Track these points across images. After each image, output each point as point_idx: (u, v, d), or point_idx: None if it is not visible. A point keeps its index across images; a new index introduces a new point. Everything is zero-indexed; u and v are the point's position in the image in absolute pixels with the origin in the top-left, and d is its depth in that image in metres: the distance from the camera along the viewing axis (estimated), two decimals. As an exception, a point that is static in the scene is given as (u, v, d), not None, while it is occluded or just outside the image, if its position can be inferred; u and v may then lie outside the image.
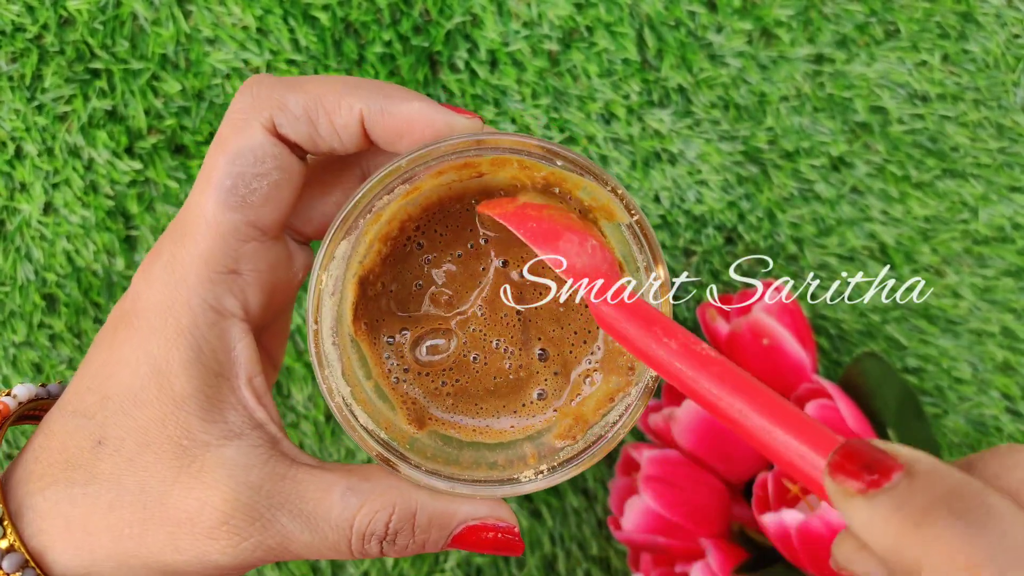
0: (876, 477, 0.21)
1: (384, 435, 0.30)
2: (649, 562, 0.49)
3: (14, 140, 0.53)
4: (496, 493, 0.30)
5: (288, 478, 0.29)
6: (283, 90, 0.29)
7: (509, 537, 0.30)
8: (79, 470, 0.28)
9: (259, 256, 0.30)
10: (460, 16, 0.55)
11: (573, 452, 0.30)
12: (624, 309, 0.27)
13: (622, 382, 0.31)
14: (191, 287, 0.29)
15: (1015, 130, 0.57)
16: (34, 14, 0.53)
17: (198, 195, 0.29)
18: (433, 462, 0.30)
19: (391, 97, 0.29)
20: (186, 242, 0.29)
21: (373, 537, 0.29)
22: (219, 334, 0.29)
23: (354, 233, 0.29)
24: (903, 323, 0.57)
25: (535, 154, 0.29)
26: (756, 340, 0.48)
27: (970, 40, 0.57)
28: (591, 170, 0.29)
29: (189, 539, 0.28)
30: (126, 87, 0.54)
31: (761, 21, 0.56)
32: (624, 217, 0.30)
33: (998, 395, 0.57)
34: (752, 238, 0.57)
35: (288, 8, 0.54)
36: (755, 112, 0.56)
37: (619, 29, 0.56)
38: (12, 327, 0.53)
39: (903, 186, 0.57)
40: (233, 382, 0.29)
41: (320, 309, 0.29)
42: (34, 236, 0.54)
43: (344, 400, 0.30)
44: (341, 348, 0.30)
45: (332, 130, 0.30)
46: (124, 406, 0.29)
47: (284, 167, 0.30)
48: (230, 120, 0.30)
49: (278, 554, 0.29)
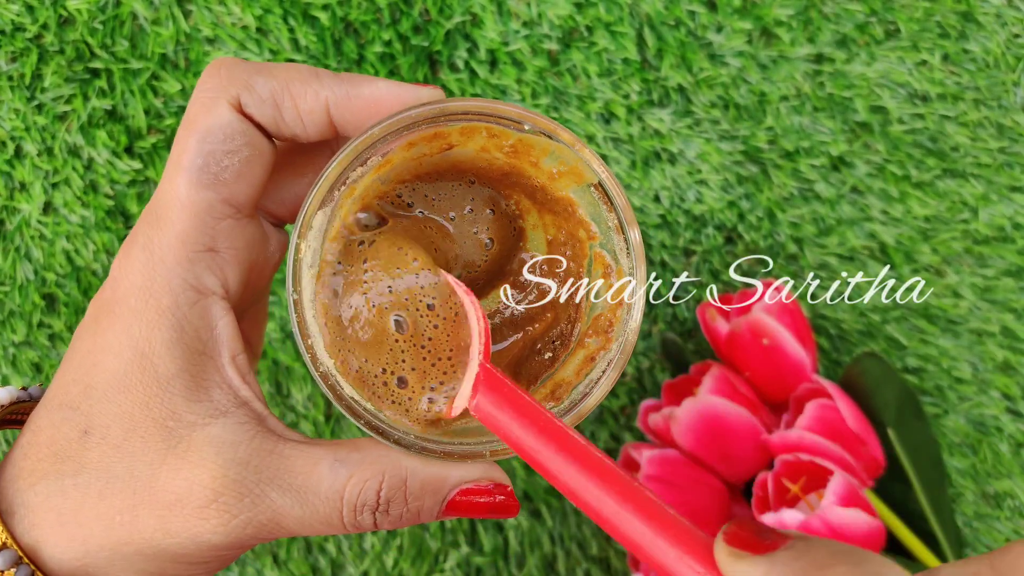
0: (771, 541, 0.22)
1: (369, 405, 0.30)
2: (649, 562, 0.49)
3: (14, 140, 0.53)
4: (488, 451, 0.30)
5: (276, 453, 0.29)
6: (250, 72, 0.30)
7: (503, 498, 0.30)
8: (68, 461, 0.28)
9: (235, 234, 0.30)
10: (460, 16, 0.55)
11: (559, 412, 0.31)
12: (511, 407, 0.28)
13: (601, 341, 0.31)
14: (169, 267, 0.29)
15: (1015, 130, 0.57)
16: (34, 14, 0.53)
17: (170, 177, 0.29)
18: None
19: (355, 82, 0.30)
20: (161, 224, 0.29)
21: (365, 508, 0.29)
22: (200, 313, 0.29)
23: (330, 205, 0.29)
24: (903, 323, 0.57)
25: (503, 118, 0.29)
26: (756, 340, 0.48)
27: (970, 40, 0.57)
28: (557, 133, 0.29)
29: (180, 520, 0.28)
30: (126, 87, 0.54)
31: (761, 21, 0.56)
32: (592, 177, 0.30)
33: (998, 395, 0.57)
34: (752, 238, 0.57)
35: (288, 8, 0.54)
36: (755, 112, 0.56)
37: (619, 29, 0.56)
38: (12, 327, 0.53)
39: (903, 186, 0.57)
40: (217, 360, 0.29)
41: (300, 279, 0.29)
42: (34, 236, 0.54)
43: (328, 370, 0.30)
44: (320, 318, 0.30)
45: (297, 116, 0.30)
46: (108, 393, 0.29)
47: (254, 144, 0.30)
48: (197, 99, 0.30)
49: (270, 530, 0.29)
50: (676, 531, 0.24)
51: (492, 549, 0.55)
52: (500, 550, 0.55)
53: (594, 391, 0.30)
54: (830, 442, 0.45)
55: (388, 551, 0.55)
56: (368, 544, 0.55)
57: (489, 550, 0.55)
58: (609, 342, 0.31)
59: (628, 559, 0.52)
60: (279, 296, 0.55)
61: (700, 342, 0.56)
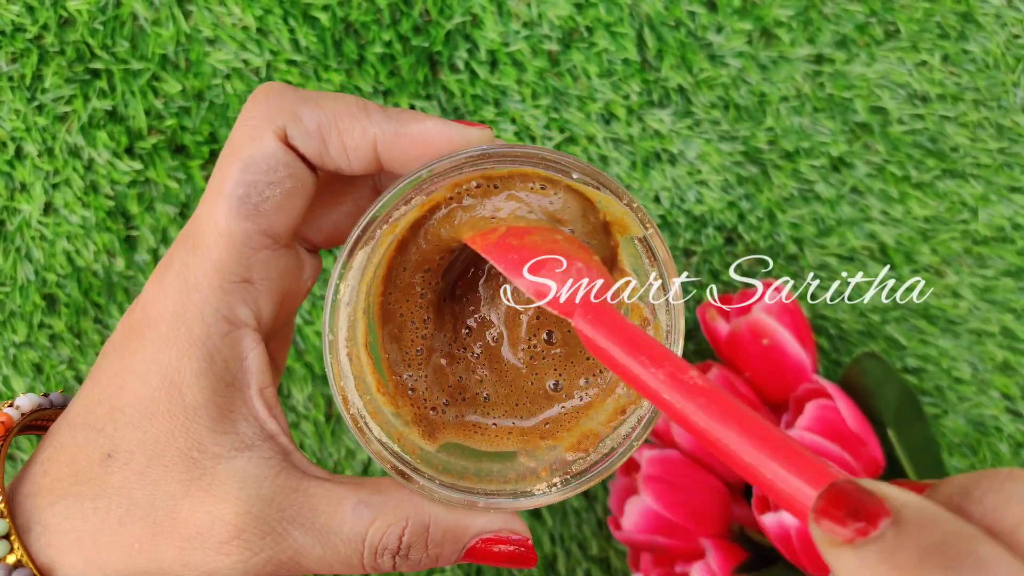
0: (862, 525, 0.20)
1: (397, 447, 0.30)
2: (649, 562, 0.49)
3: (14, 140, 0.53)
4: (510, 505, 0.30)
5: (300, 491, 0.28)
6: (298, 102, 0.29)
7: (523, 550, 0.30)
8: (88, 484, 0.28)
9: (271, 265, 0.30)
10: (460, 16, 0.55)
11: (586, 465, 0.30)
12: (611, 332, 0.27)
13: (633, 394, 0.31)
14: (204, 297, 0.29)
15: (1015, 130, 0.57)
16: (34, 14, 0.53)
17: (210, 204, 0.29)
18: (445, 475, 0.30)
19: (403, 120, 0.29)
20: (198, 252, 0.29)
21: (386, 551, 0.29)
22: (231, 344, 0.29)
23: (371, 243, 0.29)
24: (903, 323, 0.57)
25: (550, 165, 0.29)
26: (756, 340, 0.48)
27: (970, 40, 0.57)
28: (607, 184, 0.29)
29: (200, 554, 0.27)
30: (126, 87, 0.54)
31: (761, 21, 0.56)
32: (638, 231, 0.30)
33: (998, 395, 0.57)
34: (752, 238, 0.57)
35: (288, 8, 0.54)
36: (755, 112, 0.56)
37: (619, 29, 0.56)
38: (12, 327, 0.53)
39: (903, 186, 0.57)
40: (245, 392, 0.29)
41: (337, 320, 0.29)
42: (34, 236, 0.54)
43: (359, 412, 0.30)
44: (354, 359, 0.30)
45: (342, 151, 0.29)
46: (134, 419, 0.28)
47: (297, 176, 0.29)
48: (242, 127, 0.29)
49: (289, 569, 0.28)
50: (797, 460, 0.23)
51: (492, 549, 0.55)
52: (500, 550, 0.55)
53: (620, 450, 0.30)
54: (830, 442, 0.45)
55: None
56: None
57: (489, 550, 0.55)
58: (641, 396, 0.31)
59: (628, 559, 0.52)
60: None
61: (700, 342, 0.56)
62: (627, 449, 0.30)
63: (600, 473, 0.30)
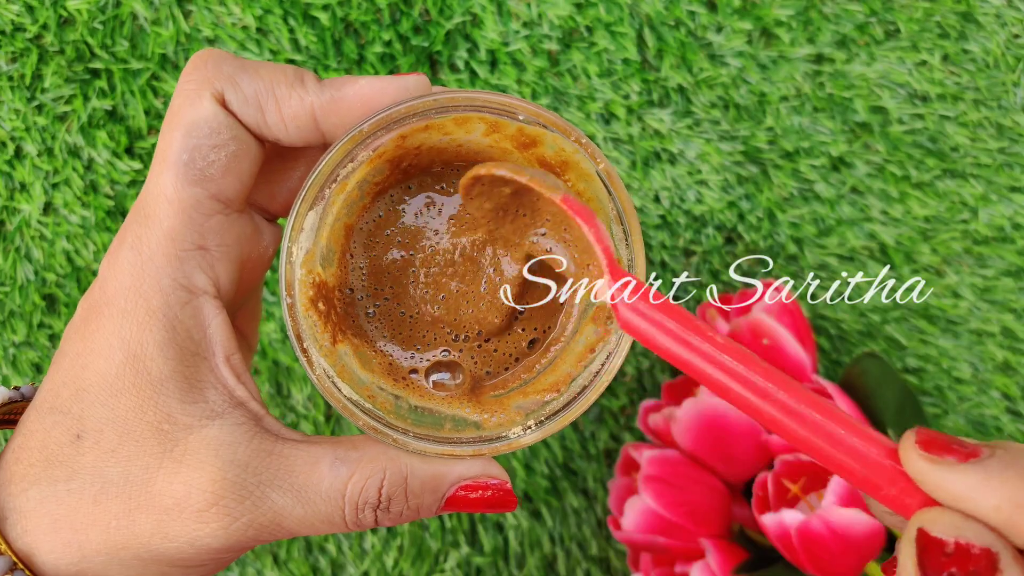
0: (968, 450, 0.21)
1: (368, 404, 0.30)
2: (649, 562, 0.49)
3: (14, 140, 0.53)
4: (487, 449, 0.30)
5: (275, 453, 0.28)
6: (236, 68, 0.29)
7: (502, 493, 0.30)
8: (60, 466, 0.28)
9: (225, 230, 0.30)
10: (460, 16, 0.55)
11: (559, 405, 0.30)
12: (657, 310, 0.26)
13: (601, 332, 0.31)
14: (159, 267, 0.28)
15: (1015, 130, 0.57)
16: (34, 14, 0.53)
17: (156, 174, 0.29)
18: (420, 427, 0.30)
19: (337, 85, 0.29)
20: (149, 222, 0.29)
21: (367, 505, 0.29)
22: (192, 313, 0.29)
23: (321, 203, 0.29)
24: (903, 323, 0.57)
25: (495, 109, 0.29)
26: (756, 340, 0.48)
27: (970, 40, 0.57)
28: (554, 123, 0.29)
29: (178, 524, 0.27)
30: (126, 87, 0.54)
31: (761, 21, 0.56)
32: (591, 167, 0.30)
33: (998, 395, 0.57)
34: (752, 238, 0.57)
35: (288, 8, 0.54)
36: (755, 112, 0.56)
37: (619, 29, 0.56)
38: (12, 327, 0.53)
39: (903, 186, 0.57)
40: (211, 361, 0.29)
41: (293, 282, 0.29)
42: (34, 236, 0.54)
43: (325, 372, 0.29)
44: (315, 320, 0.30)
45: (280, 120, 0.29)
46: (100, 396, 0.28)
47: (240, 138, 0.29)
48: (181, 91, 0.29)
49: (271, 531, 0.28)
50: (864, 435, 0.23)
51: (492, 549, 0.55)
52: (500, 550, 0.55)
53: (595, 383, 0.30)
54: (830, 442, 0.45)
55: (388, 551, 0.55)
56: (368, 544, 0.55)
57: (489, 550, 0.55)
58: (608, 333, 0.31)
59: (628, 559, 0.52)
60: (278, 296, 0.55)
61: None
62: (598, 385, 0.30)
63: (574, 410, 0.30)
